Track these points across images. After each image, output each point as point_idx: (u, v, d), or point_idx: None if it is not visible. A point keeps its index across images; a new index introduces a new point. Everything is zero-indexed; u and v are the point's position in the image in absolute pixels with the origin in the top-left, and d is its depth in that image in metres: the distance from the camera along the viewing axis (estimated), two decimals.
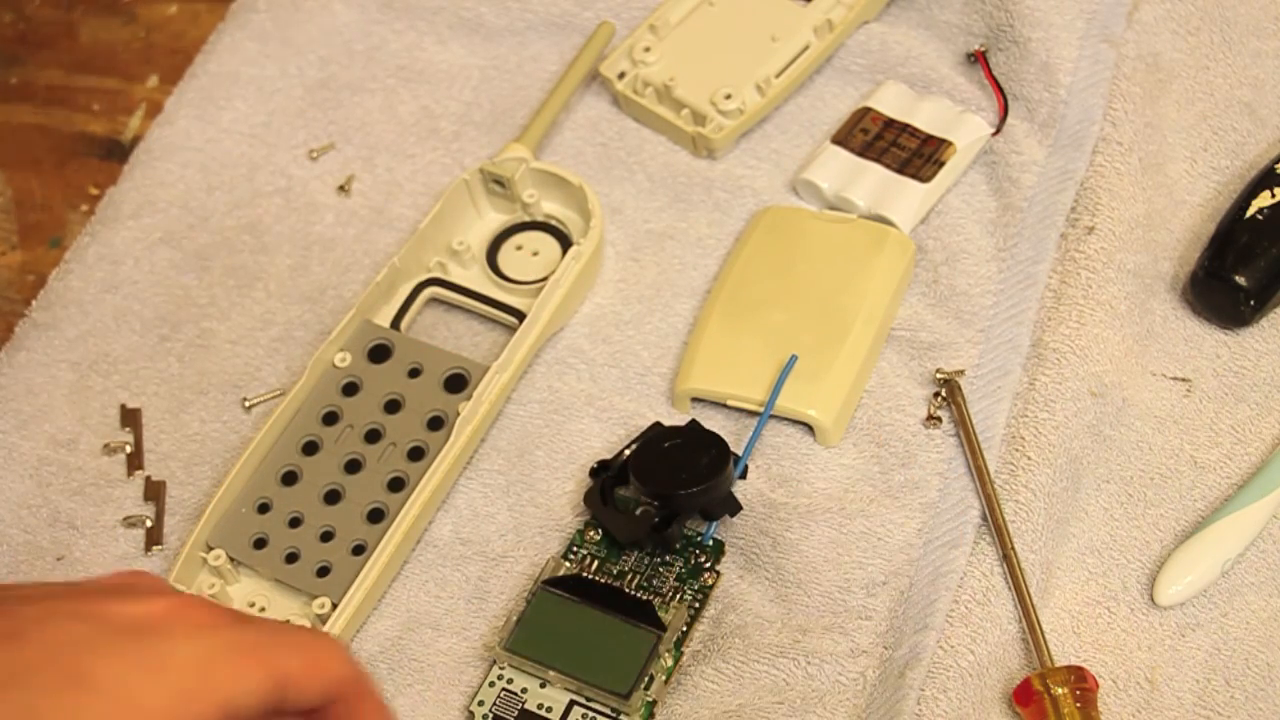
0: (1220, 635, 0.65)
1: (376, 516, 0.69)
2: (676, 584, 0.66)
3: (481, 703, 0.65)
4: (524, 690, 0.65)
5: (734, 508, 0.67)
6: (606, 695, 0.63)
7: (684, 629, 0.65)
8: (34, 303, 0.78)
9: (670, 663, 0.64)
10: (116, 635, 0.49)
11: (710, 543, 0.67)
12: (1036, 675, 0.62)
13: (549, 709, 0.64)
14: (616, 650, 0.64)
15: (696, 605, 0.66)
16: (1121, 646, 0.65)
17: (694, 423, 0.69)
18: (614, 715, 0.64)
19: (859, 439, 0.70)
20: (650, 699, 0.64)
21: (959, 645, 0.65)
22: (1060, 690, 0.62)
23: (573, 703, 0.64)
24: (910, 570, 0.67)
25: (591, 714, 0.64)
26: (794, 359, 0.70)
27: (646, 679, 0.63)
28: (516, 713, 0.64)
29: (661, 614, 0.65)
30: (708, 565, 0.67)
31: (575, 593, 0.66)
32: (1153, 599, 0.66)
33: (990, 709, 0.64)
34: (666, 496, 0.66)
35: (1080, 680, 0.62)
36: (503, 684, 0.65)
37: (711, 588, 0.66)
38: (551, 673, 0.64)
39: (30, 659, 0.48)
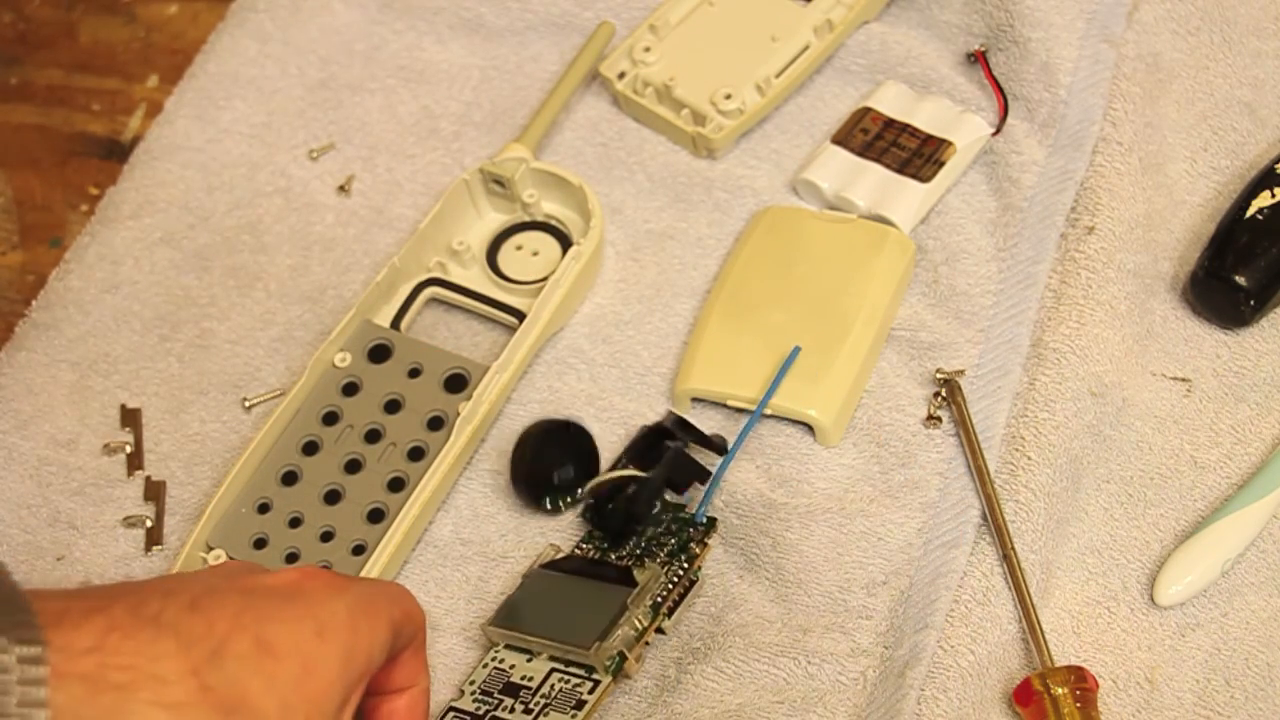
0: (1220, 635, 0.65)
1: (377, 516, 0.69)
2: (667, 558, 0.66)
3: (473, 682, 0.65)
4: (512, 666, 0.65)
5: (697, 475, 0.68)
6: (573, 650, 0.63)
7: (664, 592, 0.65)
8: (34, 303, 0.78)
9: (645, 622, 0.64)
10: (277, 601, 0.53)
11: (704, 520, 0.67)
12: (1036, 675, 0.62)
13: (531, 678, 0.64)
14: (589, 611, 0.64)
15: (681, 571, 0.66)
16: (1121, 646, 0.65)
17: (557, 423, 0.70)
18: (586, 674, 0.63)
19: (859, 439, 0.70)
20: (616, 651, 0.63)
21: (959, 645, 0.65)
22: (1060, 690, 0.62)
23: (552, 670, 0.64)
24: (910, 570, 0.67)
25: (566, 676, 0.63)
26: (796, 350, 0.70)
27: (615, 634, 0.63)
28: (501, 685, 0.64)
29: (637, 574, 0.65)
30: (697, 540, 0.67)
31: (564, 569, 0.66)
32: (1153, 599, 0.66)
33: (990, 709, 0.64)
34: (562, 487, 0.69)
35: (1080, 680, 0.62)
36: (494, 664, 0.65)
37: (698, 556, 0.66)
38: (532, 642, 0.64)
39: (220, 631, 0.50)
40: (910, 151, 0.76)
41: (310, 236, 0.79)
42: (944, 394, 0.70)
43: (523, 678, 0.64)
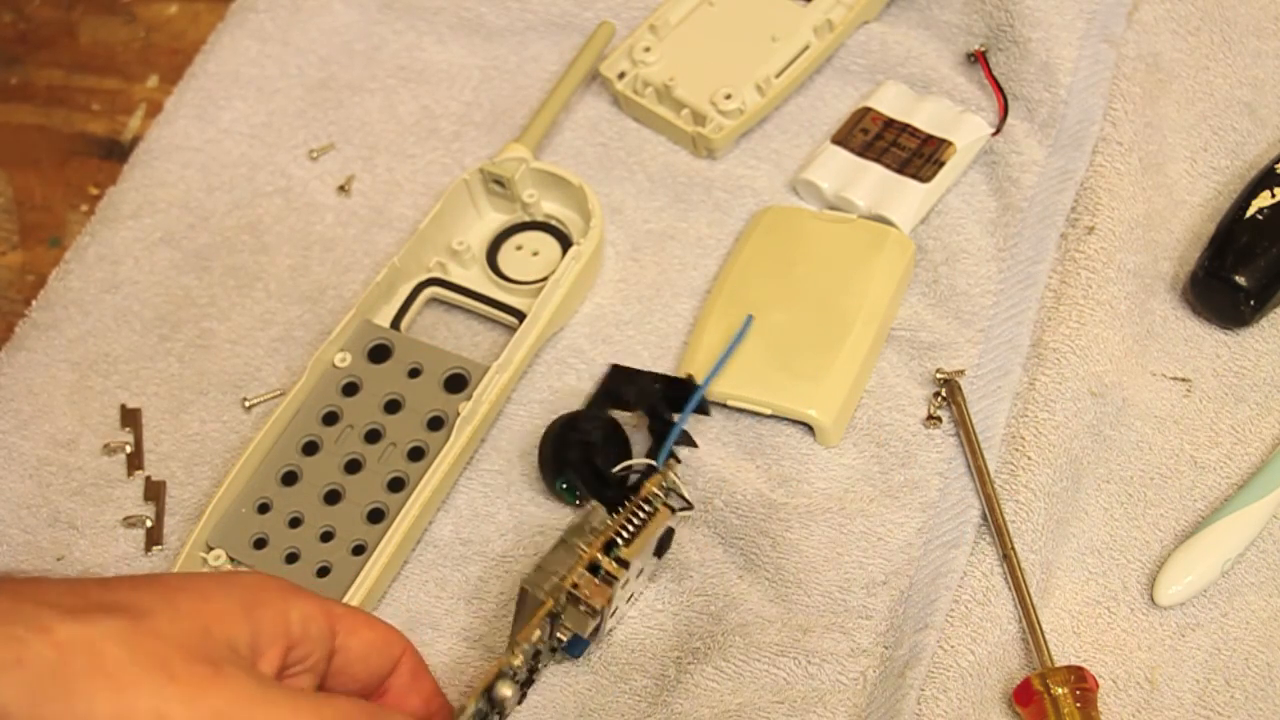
0: (1220, 635, 0.65)
1: (377, 517, 0.69)
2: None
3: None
4: None
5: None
6: (527, 601, 0.62)
7: (605, 521, 0.64)
8: (34, 303, 0.78)
9: (586, 546, 0.63)
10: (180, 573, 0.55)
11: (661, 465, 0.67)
12: (1036, 675, 0.63)
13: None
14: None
15: (628, 500, 0.65)
16: (1121, 646, 0.65)
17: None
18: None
19: (859, 439, 0.70)
20: (552, 571, 0.62)
21: (959, 645, 0.65)
22: (1060, 690, 0.62)
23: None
24: (910, 570, 0.67)
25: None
26: (749, 319, 0.71)
27: (554, 563, 0.63)
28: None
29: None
30: (648, 474, 0.66)
31: None
32: (1153, 599, 0.66)
33: (990, 709, 0.64)
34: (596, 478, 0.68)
35: (1080, 680, 0.62)
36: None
37: (644, 485, 0.65)
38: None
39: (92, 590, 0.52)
40: (910, 151, 0.76)
41: (310, 236, 0.79)
42: (944, 394, 0.70)
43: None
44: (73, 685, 0.48)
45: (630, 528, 0.64)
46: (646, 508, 0.65)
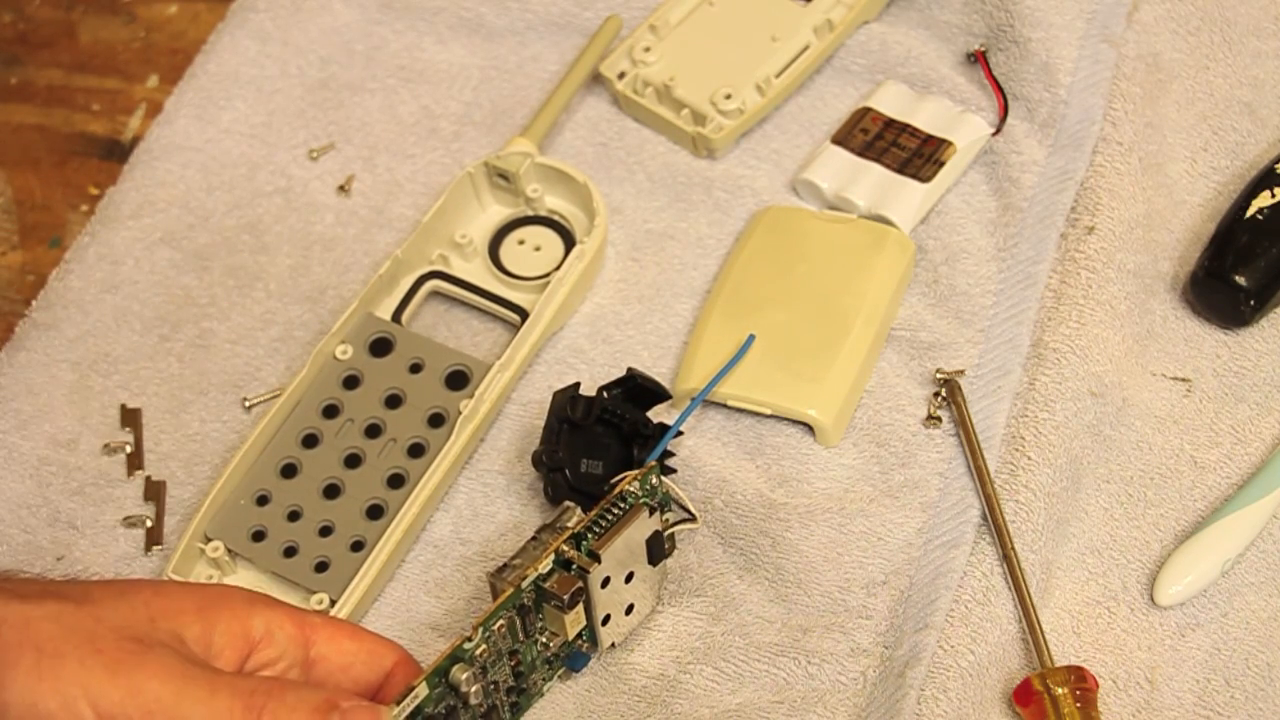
0: (1220, 635, 0.65)
1: (376, 513, 0.69)
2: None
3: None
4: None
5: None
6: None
7: (573, 519, 0.63)
8: (34, 303, 0.78)
9: (551, 540, 0.62)
10: None
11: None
12: (1036, 675, 0.63)
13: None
14: None
15: (600, 501, 0.64)
16: (1121, 646, 0.65)
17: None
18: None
19: (859, 439, 0.70)
20: (516, 563, 0.62)
21: (959, 645, 0.65)
22: (1060, 690, 0.62)
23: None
24: (910, 570, 0.67)
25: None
26: (751, 338, 0.70)
27: (519, 559, 0.62)
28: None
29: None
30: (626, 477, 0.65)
31: None
32: (1153, 599, 0.66)
33: (990, 709, 0.64)
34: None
35: (1080, 680, 0.62)
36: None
37: (618, 484, 0.64)
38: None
39: None
40: (910, 151, 0.76)
41: (310, 236, 0.79)
42: (944, 394, 0.70)
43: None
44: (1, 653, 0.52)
45: (602, 523, 0.63)
46: (621, 504, 0.64)
